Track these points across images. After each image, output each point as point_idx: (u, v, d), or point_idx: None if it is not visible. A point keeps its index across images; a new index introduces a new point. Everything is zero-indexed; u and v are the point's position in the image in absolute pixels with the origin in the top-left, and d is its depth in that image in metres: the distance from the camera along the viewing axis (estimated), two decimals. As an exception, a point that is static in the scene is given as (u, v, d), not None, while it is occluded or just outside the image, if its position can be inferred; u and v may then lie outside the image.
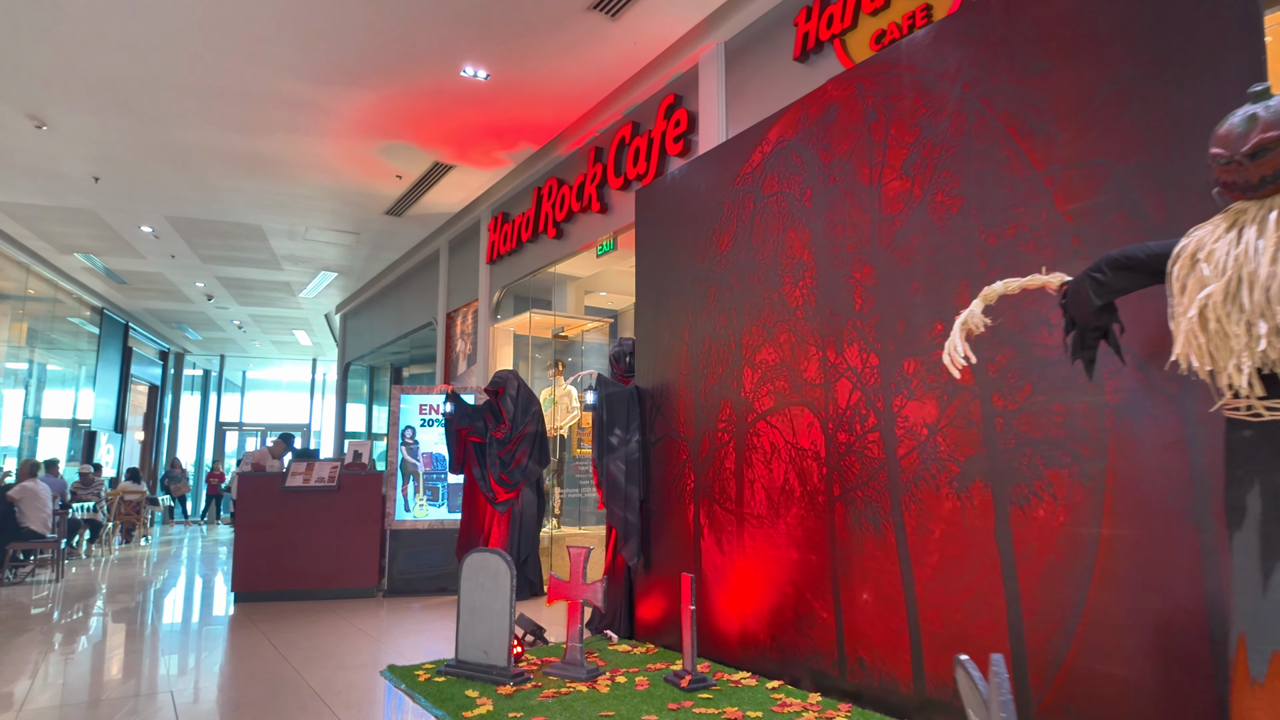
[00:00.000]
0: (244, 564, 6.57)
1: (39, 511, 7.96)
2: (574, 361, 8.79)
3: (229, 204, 8.68)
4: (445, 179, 7.97)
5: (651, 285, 5.04)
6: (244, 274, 11.77)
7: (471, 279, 9.22)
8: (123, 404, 15.07)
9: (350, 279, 12.18)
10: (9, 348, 13.39)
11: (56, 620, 6.09)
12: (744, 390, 4.17)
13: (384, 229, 9.62)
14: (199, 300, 13.52)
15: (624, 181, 6.25)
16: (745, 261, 4.24)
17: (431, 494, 7.18)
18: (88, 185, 8.08)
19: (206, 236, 9.89)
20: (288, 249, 10.43)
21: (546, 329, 8.54)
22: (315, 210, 8.90)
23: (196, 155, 7.36)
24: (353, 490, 6.89)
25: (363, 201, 8.62)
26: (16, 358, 13.56)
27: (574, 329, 8.33)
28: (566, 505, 8.16)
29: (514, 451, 6.76)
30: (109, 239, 9.99)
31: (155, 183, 8.04)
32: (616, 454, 4.87)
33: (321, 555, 6.72)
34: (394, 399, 7.30)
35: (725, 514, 4.23)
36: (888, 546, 3.33)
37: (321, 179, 7.95)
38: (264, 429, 20.24)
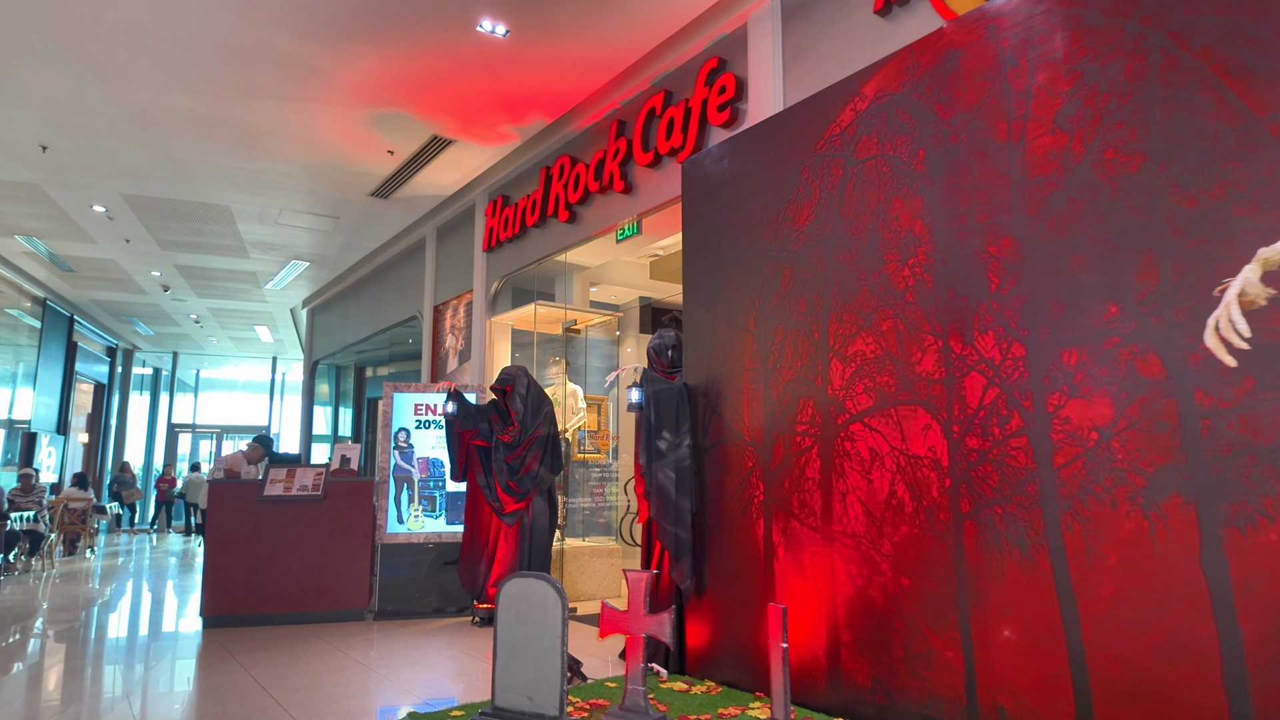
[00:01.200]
0: (216, 583, 5.77)
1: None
2: (579, 361, 8.12)
3: (194, 180, 7.82)
4: (441, 156, 7.24)
5: (704, 269, 4.43)
6: (206, 262, 10.82)
7: (464, 269, 8.49)
8: (66, 404, 13.89)
9: (323, 269, 11.31)
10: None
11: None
12: (832, 387, 3.57)
13: (367, 213, 8.83)
14: (154, 292, 12.48)
15: (653, 157, 5.63)
16: (832, 237, 3.66)
17: (428, 503, 6.45)
18: (34, 155, 7.16)
19: (166, 218, 8.97)
20: (257, 234, 9.55)
21: (553, 323, 7.87)
22: (292, 190, 8.09)
23: (161, 121, 6.52)
24: (340, 499, 6.13)
25: (346, 181, 7.84)
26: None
27: (584, 323, 7.66)
28: (569, 515, 7.49)
29: (523, 456, 6.08)
30: (56, 219, 9.01)
31: (111, 153, 7.15)
32: (665, 460, 4.24)
33: (304, 573, 5.95)
34: (386, 397, 6.55)
35: (807, 531, 3.63)
36: (1039, 574, 2.77)
37: (303, 153, 7.16)
38: (219, 431, 19.07)
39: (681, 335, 4.80)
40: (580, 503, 7.47)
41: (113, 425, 17.38)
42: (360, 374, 16.18)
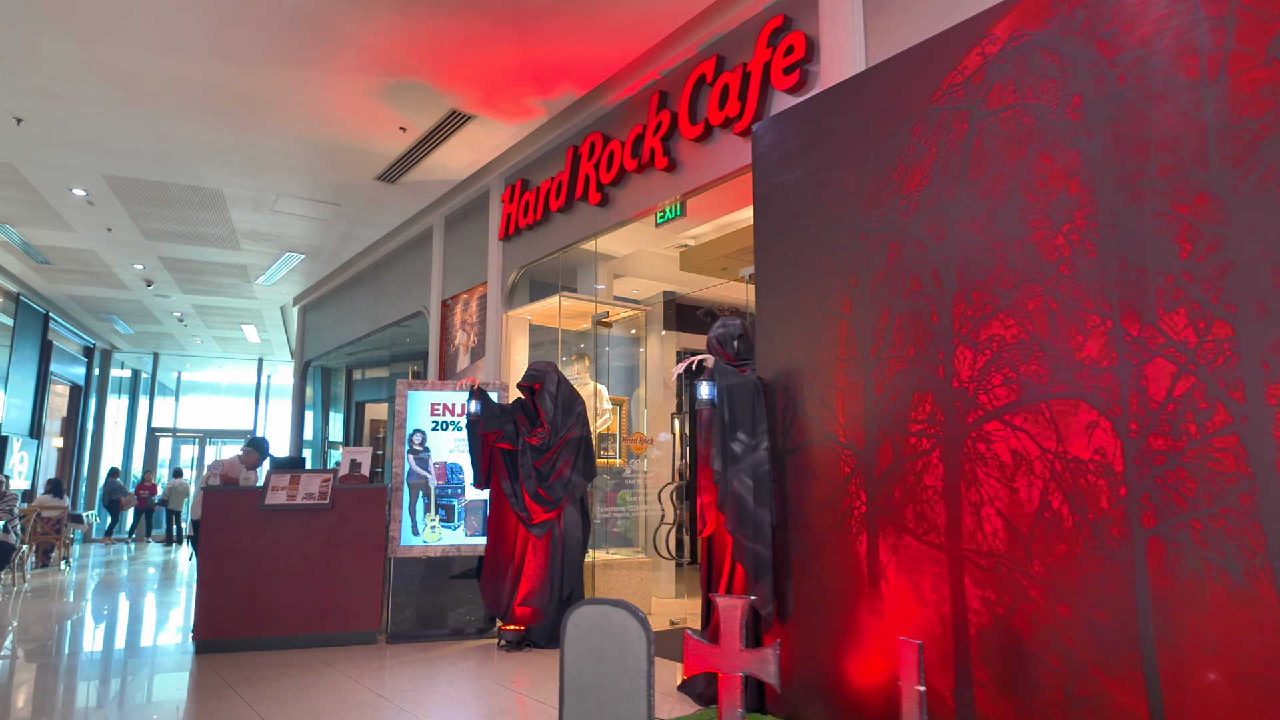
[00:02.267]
0: (210, 604, 5.14)
1: (-69, 535, 6.29)
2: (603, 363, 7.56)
3: (184, 160, 7.18)
4: (458, 134, 6.66)
5: (782, 246, 3.88)
6: (194, 254, 10.14)
7: (476, 260, 7.91)
8: (40, 406, 13.11)
9: (318, 263, 10.66)
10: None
11: (-50, 687, 4.55)
12: (958, 379, 3.04)
13: (371, 199, 8.22)
14: (136, 286, 11.77)
15: (702, 129, 5.09)
16: (955, 203, 3.13)
17: (445, 513, 5.85)
18: (7, 128, 6.50)
19: (153, 204, 8.31)
20: (250, 223, 8.91)
21: (573, 318, 7.30)
22: (292, 172, 7.46)
23: (152, 89, 5.90)
24: (349, 509, 5.53)
25: (352, 162, 7.24)
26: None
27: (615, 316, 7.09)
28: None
29: (554, 461, 5.50)
30: (31, 204, 8.32)
31: (93, 127, 6.51)
32: (741, 465, 3.69)
33: (309, 591, 5.34)
34: (400, 395, 5.95)
35: (926, 550, 3.09)
36: (1261, 604, 2.24)
37: (305, 128, 6.55)
38: (202, 435, 18.28)
39: (747, 323, 4.25)
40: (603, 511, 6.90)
41: (89, 429, 16.55)
42: (350, 376, 15.50)
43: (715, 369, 3.78)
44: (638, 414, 7.45)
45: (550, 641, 5.24)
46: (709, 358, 3.81)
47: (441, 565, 5.79)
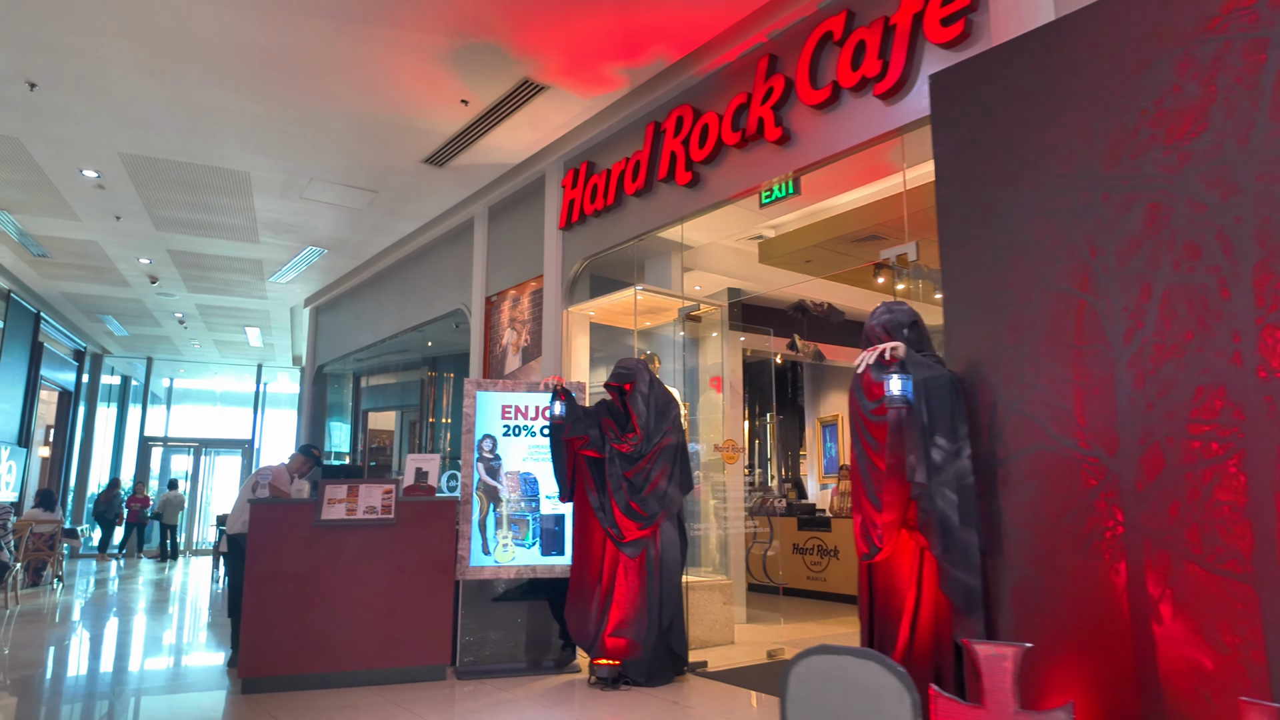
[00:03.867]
0: (257, 635, 4.43)
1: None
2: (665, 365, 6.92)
3: (211, 136, 6.48)
4: (524, 110, 6.03)
5: (976, 214, 3.28)
6: (207, 247, 9.40)
7: (527, 252, 7.25)
8: (29, 413, 12.24)
9: (340, 258, 9.95)
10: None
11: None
12: (1266, 368, 2.43)
13: (411, 186, 7.55)
14: (138, 283, 10.98)
15: (829, 93, 4.48)
16: (1248, 152, 2.53)
17: (518, 529, 5.16)
18: (18, 95, 5.78)
19: (169, 188, 7.59)
20: (274, 212, 8.20)
21: (645, 314, 6.66)
22: (330, 151, 6.79)
23: (183, 46, 5.22)
24: (414, 524, 4.84)
25: (399, 141, 6.57)
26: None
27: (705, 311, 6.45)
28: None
29: (647, 471, 4.84)
30: (34, 187, 7.56)
31: (116, 94, 5.81)
32: (943, 477, 3.05)
33: (371, 619, 4.64)
34: (468, 396, 5.28)
35: (1222, 582, 2.46)
36: None
37: (354, 98, 5.89)
38: (198, 444, 17.38)
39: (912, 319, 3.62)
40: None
41: (78, 438, 15.63)
42: (357, 384, 14.73)
43: (907, 359, 3.15)
44: (705, 420, 6.80)
45: (651, 679, 4.56)
46: (898, 346, 3.18)
47: (515, 589, 5.10)
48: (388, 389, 14.82)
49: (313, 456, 5.58)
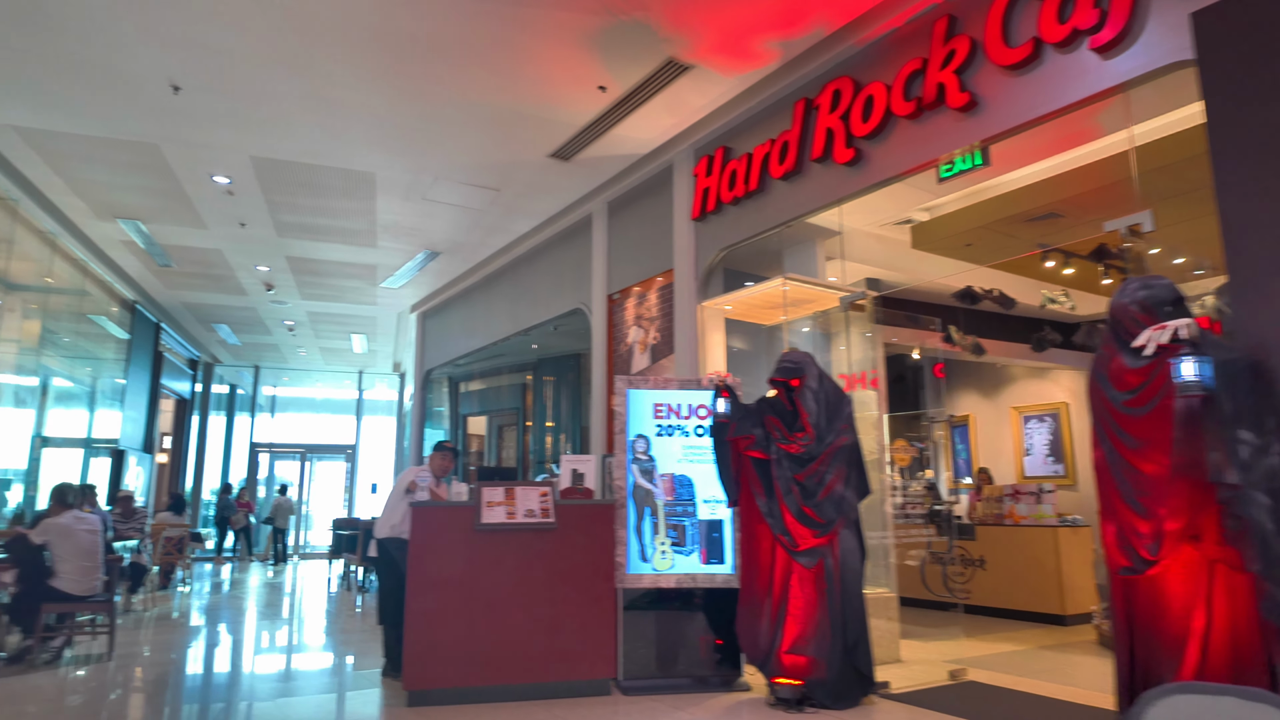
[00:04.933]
0: (422, 645, 4.22)
1: (78, 559, 5.56)
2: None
3: (343, 135, 6.42)
4: (662, 94, 5.74)
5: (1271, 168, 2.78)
6: (324, 252, 9.47)
7: (654, 246, 6.96)
8: (152, 420, 12.67)
9: (452, 261, 9.88)
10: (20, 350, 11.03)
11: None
12: None
13: (533, 183, 7.36)
14: (255, 291, 11.20)
15: (1029, 51, 4.02)
16: None
17: (676, 535, 4.83)
18: (161, 100, 5.82)
19: (294, 192, 7.62)
20: (394, 214, 8.16)
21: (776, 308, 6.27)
22: (457, 148, 6.65)
23: (323, 39, 5.11)
24: (574, 529, 4.58)
25: (529, 134, 6.38)
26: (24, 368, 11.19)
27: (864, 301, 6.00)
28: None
29: (821, 473, 4.44)
30: (166, 194, 7.70)
31: (253, 93, 5.78)
32: (1252, 476, 2.57)
33: (533, 629, 4.39)
34: (619, 395, 4.99)
35: None
36: None
37: (488, 88, 5.70)
38: (303, 450, 17.80)
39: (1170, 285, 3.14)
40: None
41: (192, 444, 16.18)
42: (454, 388, 14.77)
43: (1203, 340, 2.68)
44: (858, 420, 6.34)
45: (838, 700, 4.15)
46: (1190, 323, 2.70)
47: (675, 598, 4.78)
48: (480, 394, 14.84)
49: (453, 453, 5.38)
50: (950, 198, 5.80)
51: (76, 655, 5.75)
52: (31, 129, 6.28)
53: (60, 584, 5.43)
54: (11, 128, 6.25)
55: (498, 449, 14.73)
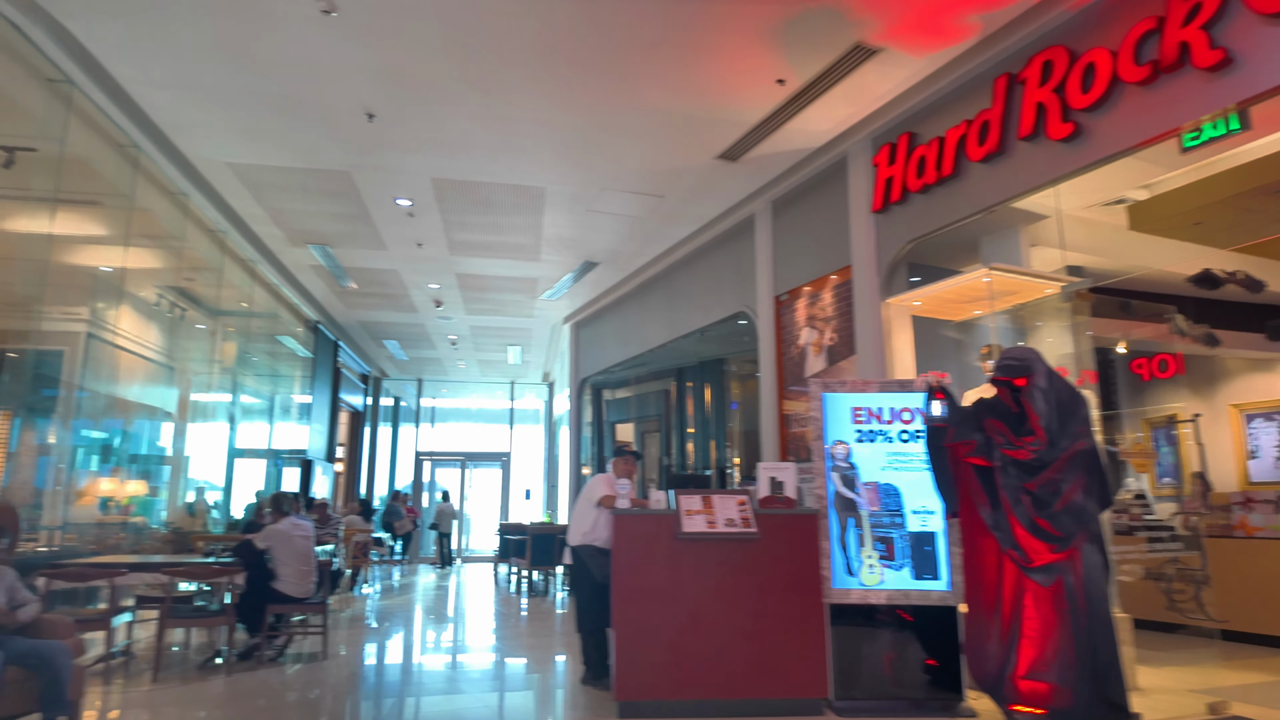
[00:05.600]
0: (629, 654, 4.16)
1: (297, 563, 5.94)
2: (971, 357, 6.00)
3: (518, 151, 6.58)
4: (845, 82, 5.49)
5: None
6: (490, 268, 9.83)
7: (823, 244, 6.68)
8: (333, 432, 13.62)
9: (609, 271, 9.98)
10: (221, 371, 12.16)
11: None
12: None
13: (698, 187, 7.28)
14: (425, 308, 11.81)
15: (1309, -7, 3.47)
16: None
17: (884, 548, 4.54)
18: (355, 128, 6.17)
19: (468, 210, 7.92)
20: (559, 227, 8.32)
21: (971, 302, 5.84)
22: (627, 157, 6.67)
23: (506, 56, 5.22)
24: (777, 539, 4.38)
25: (698, 136, 6.30)
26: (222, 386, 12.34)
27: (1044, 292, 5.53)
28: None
29: (1056, 482, 4.02)
30: (354, 219, 8.21)
31: (439, 116, 6.02)
32: None
33: (739, 644, 4.23)
34: (814, 399, 4.76)
35: None
36: None
37: (663, 94, 5.66)
38: (463, 458, 18.63)
39: None
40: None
41: (365, 454, 17.30)
42: (599, 397, 14.96)
43: None
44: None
45: (1089, 735, 3.73)
46: None
47: (884, 615, 4.49)
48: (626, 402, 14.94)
49: (635, 457, 5.32)
50: (1175, 174, 5.18)
51: (295, 654, 6.16)
52: (242, 164, 6.84)
53: (281, 586, 5.83)
54: (227, 164, 6.84)
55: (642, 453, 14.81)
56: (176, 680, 5.21)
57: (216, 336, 11.99)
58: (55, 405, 10.80)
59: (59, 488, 9.14)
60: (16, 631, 3.83)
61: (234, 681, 5.19)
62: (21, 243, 8.24)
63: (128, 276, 10.04)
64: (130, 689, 4.97)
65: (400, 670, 5.75)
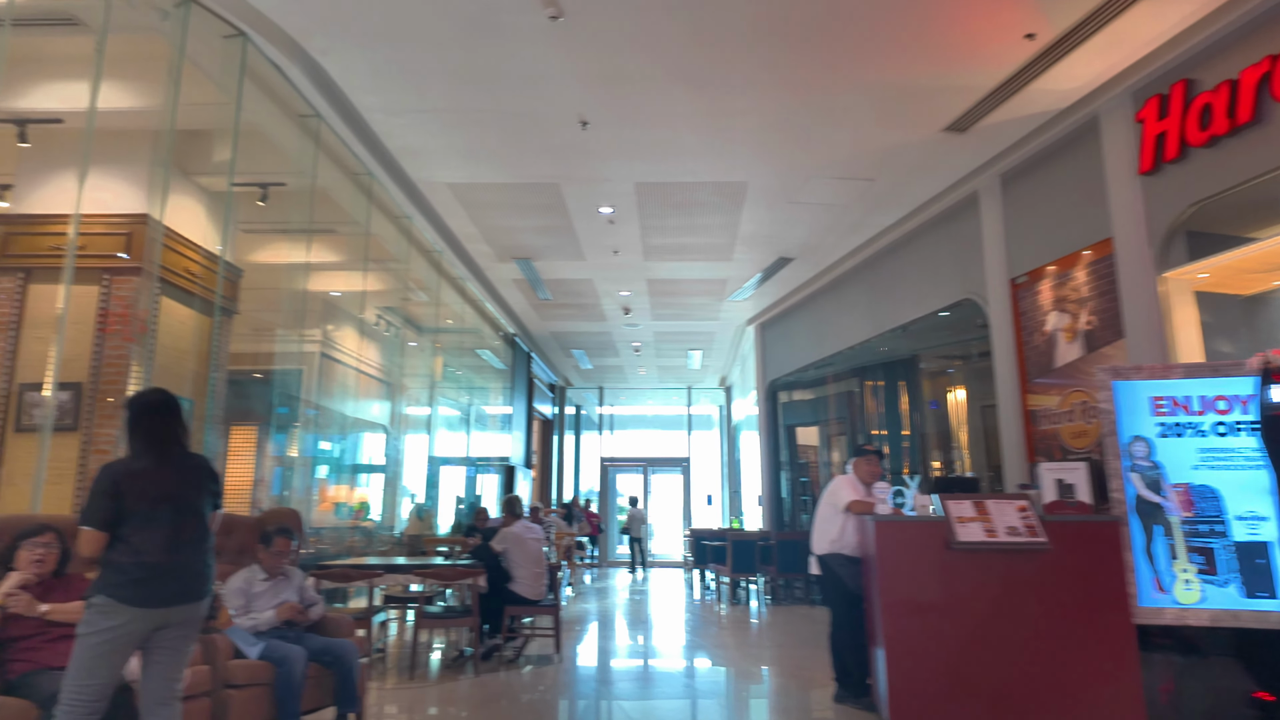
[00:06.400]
0: (901, 674, 3.77)
1: (531, 565, 6.05)
2: None
3: (724, 144, 6.39)
4: (1107, 31, 4.83)
5: None
6: (680, 271, 9.75)
7: (1072, 216, 5.95)
8: (530, 440, 14.13)
9: (803, 267, 9.59)
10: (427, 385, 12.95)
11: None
12: None
13: (916, 164, 6.75)
14: (613, 316, 11.96)
15: None
16: None
17: (1203, 560, 3.85)
18: (569, 138, 6.24)
19: (666, 213, 7.84)
20: (756, 223, 8.06)
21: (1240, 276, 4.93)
22: (839, 139, 6.29)
23: (716, 45, 5.03)
24: (1071, 551, 3.82)
25: (923, 107, 5.81)
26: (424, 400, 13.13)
27: None
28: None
29: None
30: (557, 230, 8.39)
31: (651, 118, 5.95)
32: None
33: (1032, 668, 3.70)
34: (1103, 388, 4.16)
35: None
36: None
37: (884, 65, 5.26)
38: (645, 463, 18.81)
39: None
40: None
41: (554, 461, 17.89)
42: (775, 399, 14.47)
43: None
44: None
45: None
46: None
47: (1209, 640, 3.81)
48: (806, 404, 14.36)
49: (878, 456, 4.91)
50: None
51: (530, 655, 6.29)
52: (461, 183, 7.15)
53: (517, 588, 5.96)
54: (447, 185, 7.17)
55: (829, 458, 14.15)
56: (433, 679, 5.43)
57: (425, 352, 12.80)
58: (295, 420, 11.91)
59: (305, 495, 10.03)
60: (308, 629, 4.08)
61: (485, 682, 5.33)
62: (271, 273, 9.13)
63: (355, 299, 10.92)
64: (396, 686, 5.22)
65: (638, 677, 5.68)
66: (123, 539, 2.71)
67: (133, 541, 2.71)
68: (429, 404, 12.76)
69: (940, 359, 10.15)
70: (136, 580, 2.67)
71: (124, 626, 2.65)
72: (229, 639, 3.59)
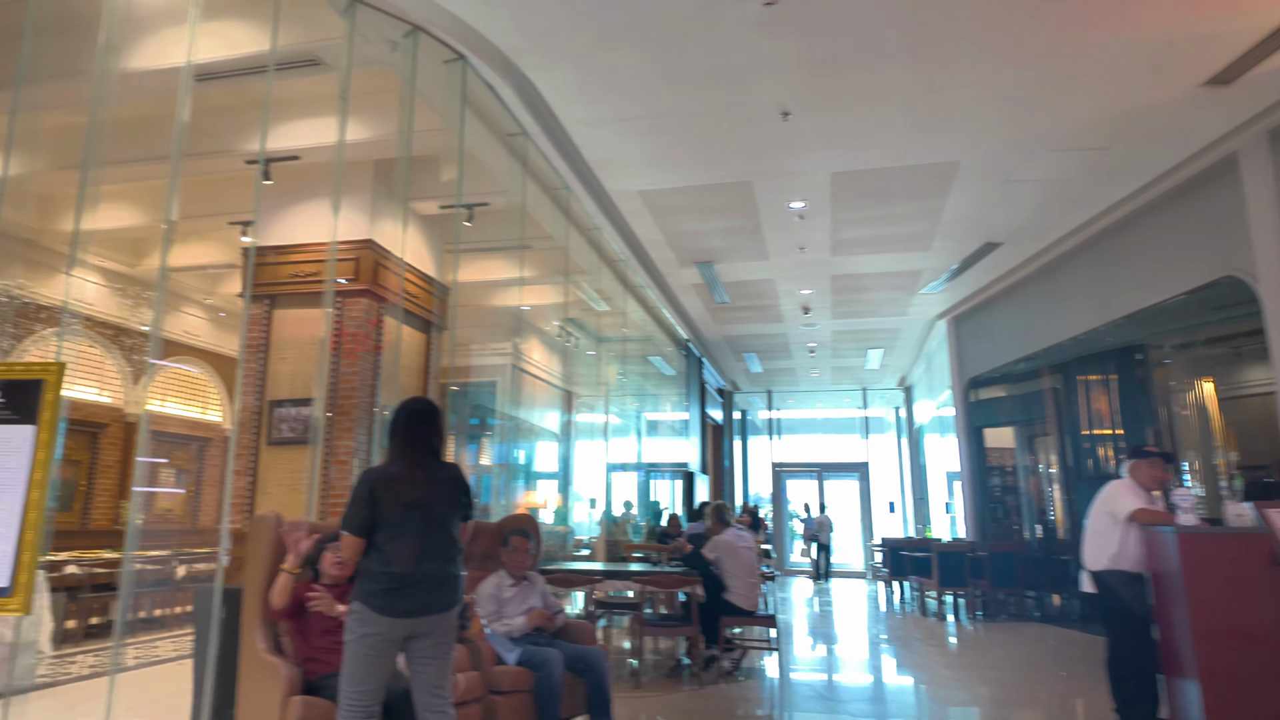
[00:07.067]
0: (1224, 712, 3.22)
1: (744, 575, 5.88)
2: None
3: (935, 122, 5.93)
4: None
5: None
6: (869, 265, 9.28)
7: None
8: (704, 446, 14.02)
9: (1010, 252, 8.82)
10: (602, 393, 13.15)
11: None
12: None
13: (1163, 126, 5.97)
14: (791, 317, 11.62)
15: None
16: None
17: None
18: (766, 132, 6.04)
19: (863, 203, 7.46)
20: (964, 206, 7.48)
21: None
22: (1070, 107, 5.68)
23: (943, 14, 4.63)
24: None
25: (1176, 61, 5.12)
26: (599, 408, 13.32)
27: None
28: None
29: None
30: (743, 231, 8.21)
31: (855, 101, 5.64)
32: None
33: None
34: None
35: None
36: None
37: (1141, 13, 4.64)
38: (819, 469, 18.19)
39: None
40: None
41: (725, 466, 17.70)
42: (964, 399, 13.42)
43: None
44: None
45: None
46: None
47: None
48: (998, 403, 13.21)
49: (1165, 459, 4.29)
50: None
51: (746, 668, 6.10)
52: (652, 190, 7.14)
53: (732, 598, 5.80)
54: (638, 192, 7.19)
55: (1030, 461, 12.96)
56: (658, 688, 5.36)
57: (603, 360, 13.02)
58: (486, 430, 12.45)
59: (504, 501, 10.43)
60: (554, 635, 4.11)
61: (707, 694, 5.20)
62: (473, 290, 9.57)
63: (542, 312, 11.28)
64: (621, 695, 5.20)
65: (870, 697, 5.34)
66: (377, 546, 2.77)
67: (385, 550, 2.76)
68: (603, 410, 12.99)
69: (1176, 347, 9.01)
70: (387, 590, 2.71)
71: (378, 635, 2.70)
72: (491, 645, 3.65)
